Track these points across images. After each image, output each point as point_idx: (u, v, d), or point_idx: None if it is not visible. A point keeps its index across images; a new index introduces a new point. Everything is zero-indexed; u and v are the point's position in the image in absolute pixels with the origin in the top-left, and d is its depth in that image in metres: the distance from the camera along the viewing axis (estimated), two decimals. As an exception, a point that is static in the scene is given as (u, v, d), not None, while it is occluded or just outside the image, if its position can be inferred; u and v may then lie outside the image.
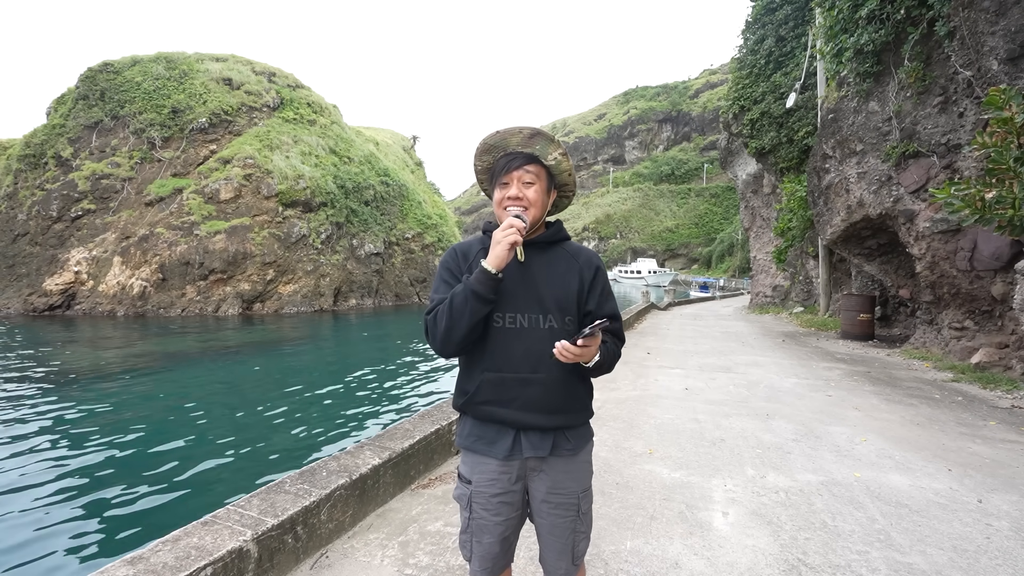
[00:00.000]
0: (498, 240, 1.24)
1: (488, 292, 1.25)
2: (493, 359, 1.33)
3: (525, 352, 1.30)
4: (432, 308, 1.33)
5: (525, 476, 1.37)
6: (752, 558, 2.21)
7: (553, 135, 1.37)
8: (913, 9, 6.49)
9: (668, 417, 4.41)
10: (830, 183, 8.81)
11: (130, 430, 6.73)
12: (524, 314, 1.32)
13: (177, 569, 1.65)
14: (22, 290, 21.62)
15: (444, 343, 1.29)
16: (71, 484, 5.10)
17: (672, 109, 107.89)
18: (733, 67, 16.09)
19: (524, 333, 1.31)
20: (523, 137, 1.36)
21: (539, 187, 1.37)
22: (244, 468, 5.55)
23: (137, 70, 24.81)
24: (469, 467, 1.39)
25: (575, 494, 1.38)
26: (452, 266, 1.41)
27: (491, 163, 1.43)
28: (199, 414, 7.56)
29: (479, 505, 1.36)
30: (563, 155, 1.39)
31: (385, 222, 28.60)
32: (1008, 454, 3.55)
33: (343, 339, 16.95)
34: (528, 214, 1.34)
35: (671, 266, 75.79)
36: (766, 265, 18.49)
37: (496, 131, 1.39)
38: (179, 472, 5.40)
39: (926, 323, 8.09)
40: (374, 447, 2.86)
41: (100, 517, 4.42)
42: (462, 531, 1.41)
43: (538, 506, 1.38)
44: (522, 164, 1.35)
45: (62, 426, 6.91)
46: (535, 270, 1.36)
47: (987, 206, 4.05)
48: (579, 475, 1.39)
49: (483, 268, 1.25)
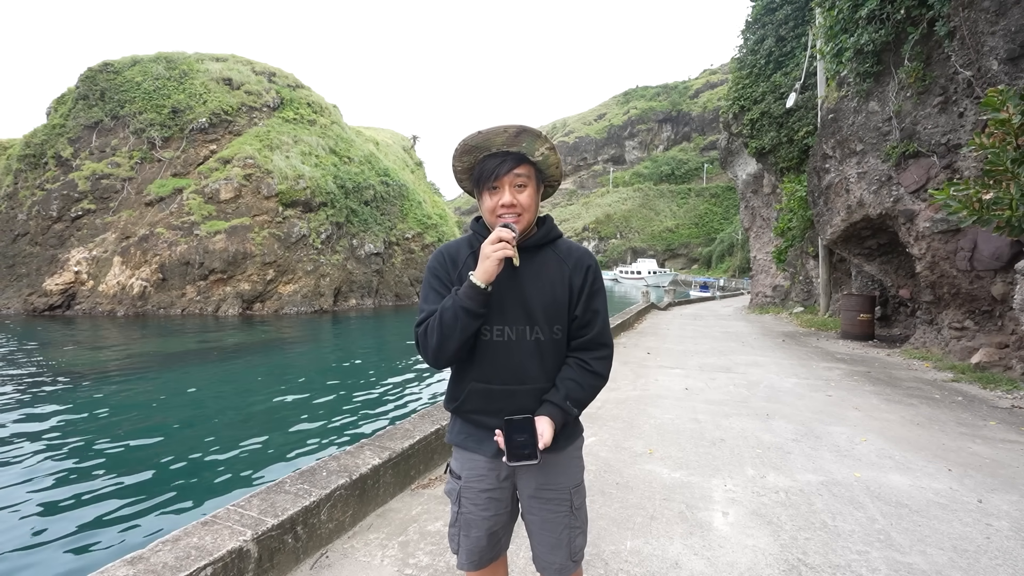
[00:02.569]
0: (487, 255, 1.19)
1: (478, 307, 1.22)
2: (481, 370, 1.32)
3: (512, 365, 1.30)
4: (422, 320, 1.30)
5: (513, 473, 1.37)
6: (752, 558, 2.21)
7: (540, 131, 1.29)
8: (913, 9, 6.49)
9: (668, 417, 4.41)
10: (830, 183, 8.81)
11: (130, 430, 6.73)
12: (512, 326, 1.29)
13: (177, 569, 1.65)
14: (22, 290, 21.62)
15: (436, 358, 1.28)
16: (71, 484, 5.10)
17: (672, 109, 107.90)
18: (733, 67, 16.09)
19: (512, 345, 1.30)
20: (508, 136, 1.28)
21: (531, 189, 1.32)
22: (244, 468, 5.55)
23: (137, 70, 24.81)
24: (459, 463, 1.39)
25: (566, 489, 1.37)
26: (441, 273, 1.37)
27: (472, 163, 1.35)
28: (199, 414, 7.56)
29: (468, 500, 1.36)
30: (551, 149, 1.32)
31: (385, 222, 28.60)
32: (1008, 454, 3.55)
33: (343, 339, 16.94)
34: (521, 221, 1.30)
35: (671, 266, 75.83)
36: (766, 265, 18.49)
37: (478, 131, 1.29)
38: (179, 472, 5.40)
39: (926, 323, 8.09)
40: (374, 447, 2.86)
41: (100, 517, 4.42)
42: (451, 524, 1.41)
43: (527, 502, 1.37)
44: (512, 167, 1.28)
45: (62, 426, 6.91)
46: (524, 279, 1.32)
47: (985, 207, 4.06)
48: (569, 470, 1.38)
49: (472, 283, 1.21)
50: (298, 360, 12.31)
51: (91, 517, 4.42)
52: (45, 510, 4.56)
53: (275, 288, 22.39)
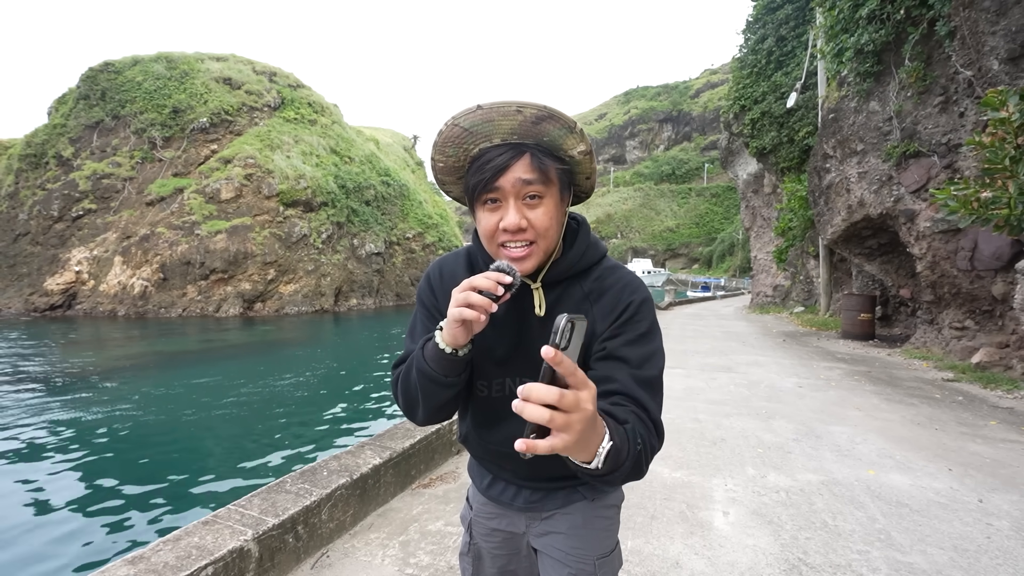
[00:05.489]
0: (451, 311, 0.77)
1: (444, 373, 0.84)
2: (476, 425, 1.02)
3: (512, 428, 0.92)
4: (397, 363, 0.98)
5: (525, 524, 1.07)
6: (753, 558, 2.21)
7: (574, 121, 0.82)
8: (913, 9, 6.49)
9: (669, 417, 4.41)
10: (831, 183, 8.81)
11: (130, 430, 6.74)
12: (516, 378, 0.92)
13: (178, 569, 1.65)
14: (23, 290, 21.65)
15: (409, 418, 0.96)
16: (71, 484, 5.10)
17: (673, 109, 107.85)
18: (734, 67, 16.09)
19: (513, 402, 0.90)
20: (524, 121, 0.81)
21: (552, 203, 0.85)
22: (244, 468, 5.55)
23: (138, 70, 24.84)
24: (472, 491, 1.15)
25: (589, 559, 0.98)
26: (428, 301, 1.00)
27: (463, 160, 0.88)
28: (199, 414, 7.57)
29: (478, 533, 1.12)
30: (586, 155, 0.87)
31: (386, 222, 28.63)
32: (1009, 454, 3.54)
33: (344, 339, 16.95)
34: (534, 252, 0.86)
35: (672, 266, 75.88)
36: (767, 265, 18.49)
37: (477, 107, 0.81)
38: (179, 472, 5.41)
39: (927, 323, 8.08)
40: (375, 446, 2.86)
41: (100, 517, 4.43)
42: (462, 553, 1.16)
43: (542, 558, 1.04)
44: (523, 169, 0.82)
45: (62, 426, 6.92)
46: (534, 321, 0.91)
47: (983, 206, 4.06)
48: (597, 532, 1.01)
49: (436, 344, 0.83)
50: (299, 360, 12.32)
51: (91, 517, 4.43)
52: (45, 510, 4.56)
53: (276, 288, 22.41)
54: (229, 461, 5.75)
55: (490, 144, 0.84)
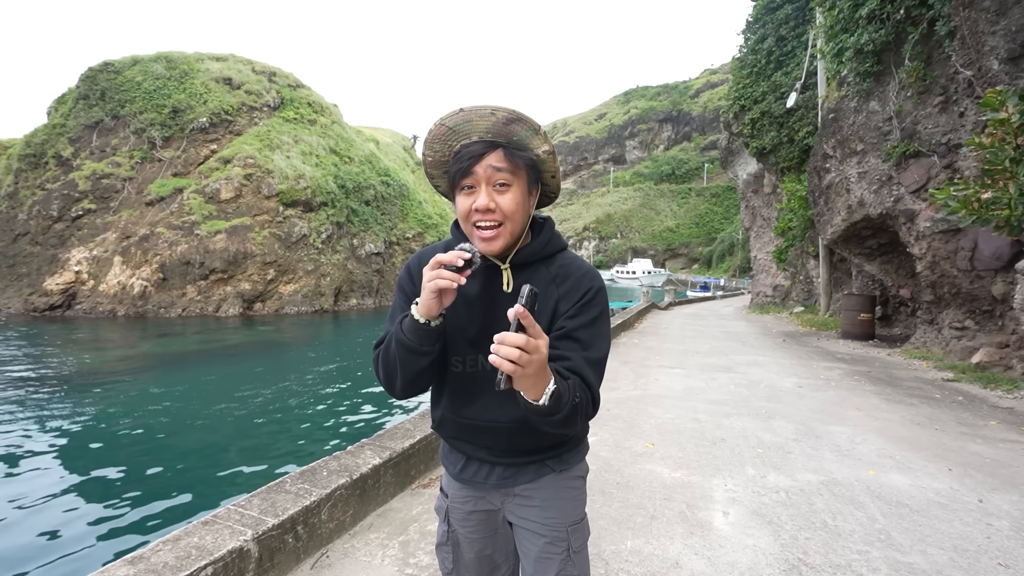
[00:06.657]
0: (424, 283, 0.92)
1: (419, 344, 0.97)
2: (451, 402, 1.11)
3: (486, 400, 1.06)
4: (378, 343, 1.07)
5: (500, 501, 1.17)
6: (753, 558, 2.21)
7: (539, 125, 1.00)
8: (913, 9, 6.49)
9: (669, 417, 4.41)
10: (831, 183, 8.81)
11: (130, 430, 6.73)
12: (488, 354, 0.93)
13: (178, 569, 1.65)
14: (23, 290, 21.63)
15: (388, 390, 1.06)
16: (72, 484, 5.10)
17: (673, 109, 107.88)
18: (734, 67, 16.10)
19: (486, 377, 1.03)
20: (496, 121, 0.98)
21: (519, 191, 1.01)
22: (244, 468, 5.55)
23: (137, 70, 24.82)
24: (446, 479, 1.23)
25: (562, 527, 1.11)
26: (407, 288, 1.11)
27: (448, 154, 1.05)
28: (199, 414, 7.57)
29: (456, 520, 1.19)
30: (550, 154, 1.04)
31: (386, 222, 28.62)
32: (1009, 454, 3.54)
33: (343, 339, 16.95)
34: (501, 233, 1.00)
35: (671, 266, 75.92)
36: (767, 265, 18.49)
37: (459, 109, 0.99)
38: (179, 472, 5.41)
39: (927, 323, 8.09)
40: (375, 446, 2.86)
41: (100, 517, 4.43)
42: (440, 544, 1.22)
43: (518, 531, 1.15)
44: (493, 159, 0.98)
45: (63, 427, 6.91)
46: (502, 301, 1.03)
47: (983, 206, 4.06)
48: (566, 502, 1.13)
49: (411, 316, 0.96)
50: (299, 360, 12.32)
51: (91, 517, 4.43)
52: (45, 510, 4.56)
53: (276, 288, 22.41)
54: (229, 461, 5.75)
55: (469, 141, 1.01)
